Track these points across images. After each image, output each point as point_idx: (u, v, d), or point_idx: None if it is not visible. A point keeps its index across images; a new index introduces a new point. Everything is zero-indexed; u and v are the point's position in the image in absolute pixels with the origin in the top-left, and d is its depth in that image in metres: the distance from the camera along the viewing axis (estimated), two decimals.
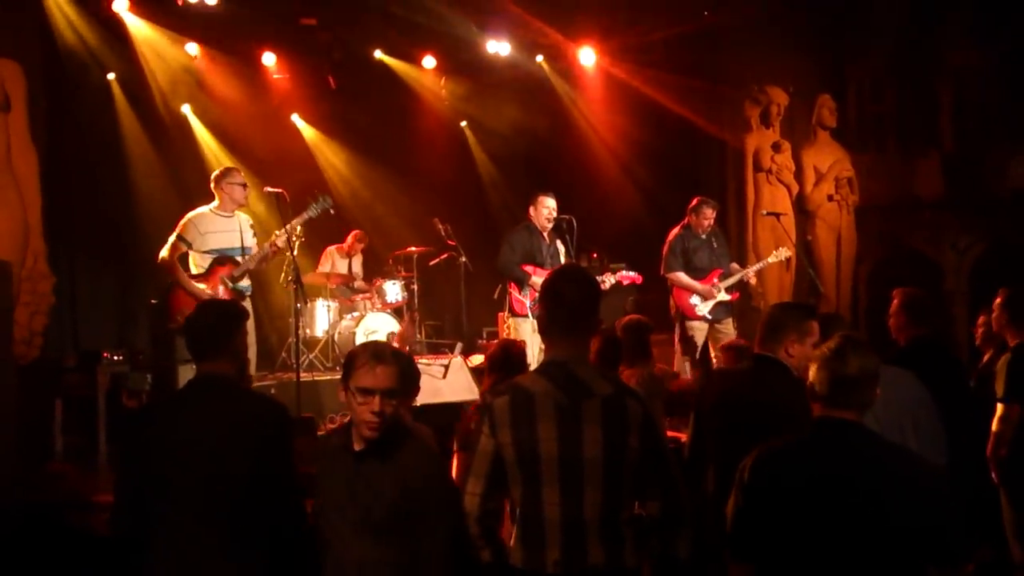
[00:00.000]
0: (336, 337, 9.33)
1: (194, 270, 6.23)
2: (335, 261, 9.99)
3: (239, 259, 6.27)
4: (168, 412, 3.10)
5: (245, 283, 6.34)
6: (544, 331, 2.87)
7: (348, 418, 2.91)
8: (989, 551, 4.83)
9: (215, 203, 6.32)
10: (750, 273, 8.02)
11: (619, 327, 5.04)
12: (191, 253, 6.18)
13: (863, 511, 2.56)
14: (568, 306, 2.77)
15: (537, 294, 6.99)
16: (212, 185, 6.39)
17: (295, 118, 11.47)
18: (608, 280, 7.37)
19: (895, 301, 4.85)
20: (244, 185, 6.34)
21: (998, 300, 5.08)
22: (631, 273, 7.64)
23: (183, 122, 10.38)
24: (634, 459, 2.66)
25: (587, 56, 10.30)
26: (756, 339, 3.73)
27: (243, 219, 6.40)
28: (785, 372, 3.59)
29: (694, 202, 7.80)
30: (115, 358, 8.03)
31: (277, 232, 6.36)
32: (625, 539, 2.66)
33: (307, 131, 11.53)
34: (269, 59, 10.41)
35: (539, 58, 10.69)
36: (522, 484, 2.66)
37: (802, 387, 3.45)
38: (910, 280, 9.29)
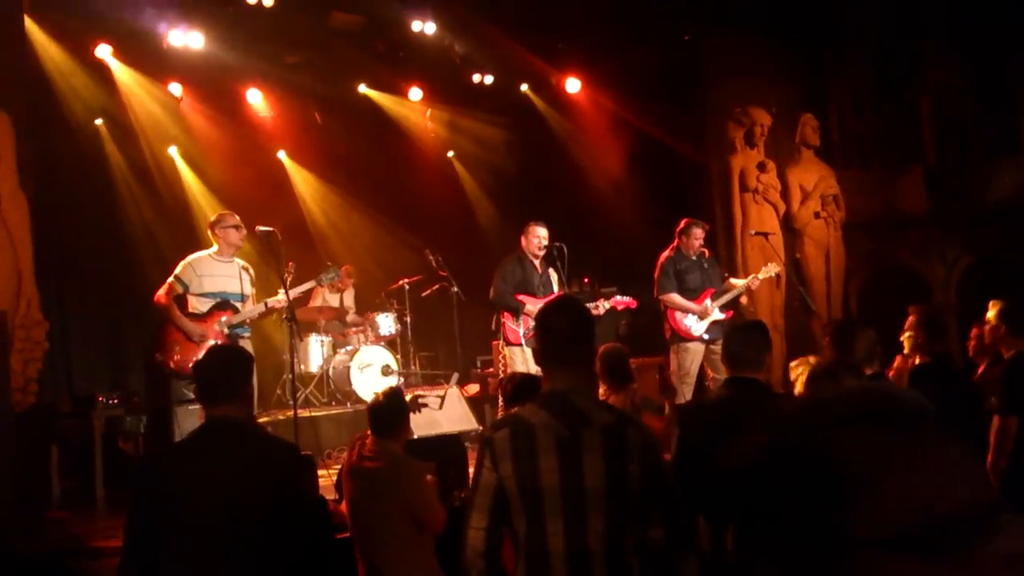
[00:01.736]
0: (331, 372, 9.33)
1: (192, 311, 6.25)
2: (326, 296, 10.00)
3: (239, 306, 6.30)
4: (179, 457, 3.10)
5: (245, 326, 6.36)
6: (541, 362, 2.90)
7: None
8: None
9: (214, 249, 6.40)
10: (748, 284, 8.03)
11: (598, 355, 5.04)
12: (188, 296, 6.21)
13: None
14: (559, 337, 2.80)
15: (531, 322, 7.09)
16: (209, 232, 6.48)
17: (281, 155, 11.53)
18: (603, 306, 7.40)
19: (912, 318, 4.85)
20: (238, 227, 6.39)
21: (990, 313, 5.12)
22: (625, 298, 7.67)
23: (171, 164, 10.43)
24: (636, 487, 2.66)
25: (572, 84, 10.41)
26: (731, 363, 3.76)
27: (241, 266, 6.46)
28: (770, 390, 3.70)
29: (683, 224, 7.84)
30: (110, 402, 8.02)
31: (278, 295, 6.41)
32: (631, 567, 2.66)
33: (294, 167, 11.59)
34: (254, 97, 10.48)
35: (524, 87, 10.78)
36: (525, 516, 2.66)
37: (783, 398, 3.55)
38: (898, 295, 9.48)
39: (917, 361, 4.84)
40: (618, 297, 7.62)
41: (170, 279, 6.25)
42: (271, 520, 2.88)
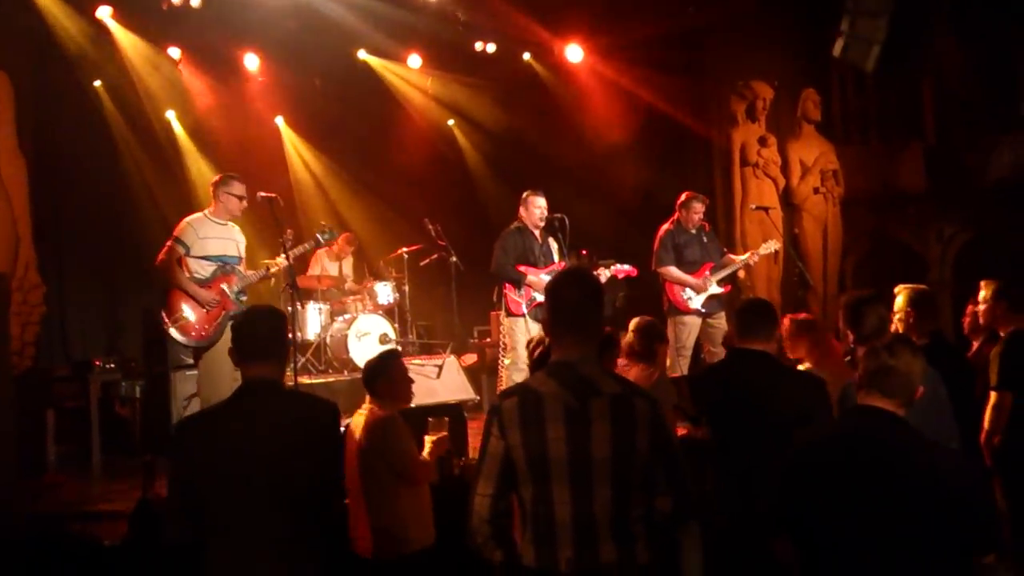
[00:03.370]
0: (328, 340, 9.33)
1: (190, 274, 6.14)
2: (325, 264, 9.98)
3: (240, 270, 6.22)
4: (221, 417, 3.08)
5: (243, 292, 6.29)
6: (550, 333, 2.92)
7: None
8: None
9: (211, 209, 6.25)
10: (747, 260, 7.99)
11: (633, 327, 5.06)
12: (187, 259, 6.08)
13: (890, 496, 2.71)
14: (570, 307, 2.81)
15: (533, 293, 7.09)
16: (211, 189, 6.31)
17: (279, 121, 11.46)
18: (604, 274, 7.39)
19: (900, 298, 4.80)
20: (241, 198, 6.21)
21: (986, 292, 5.12)
22: (625, 266, 7.64)
23: (169, 128, 10.37)
24: (643, 457, 2.68)
25: (574, 53, 10.34)
26: (741, 334, 3.77)
27: (237, 230, 6.33)
28: (777, 362, 3.73)
29: (683, 197, 7.82)
30: (107, 367, 8.02)
31: (279, 259, 6.32)
32: (637, 536, 2.68)
33: (292, 133, 11.53)
34: (252, 62, 10.39)
35: (526, 55, 10.71)
36: (532, 484, 2.68)
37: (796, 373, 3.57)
38: (895, 271, 9.50)
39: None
40: (617, 266, 7.60)
41: (169, 241, 6.07)
42: (311, 477, 2.90)
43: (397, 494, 4.32)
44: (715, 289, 7.67)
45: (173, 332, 6.02)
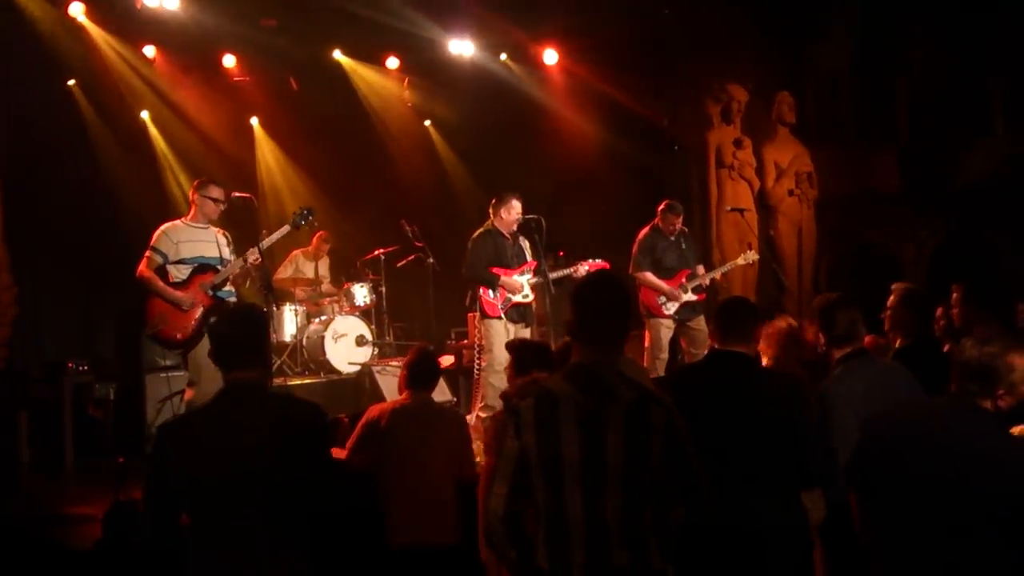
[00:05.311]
0: (304, 341, 9.29)
1: (170, 280, 6.10)
2: (300, 264, 9.94)
3: (219, 268, 6.17)
4: (202, 422, 3.02)
5: (227, 288, 6.25)
6: (572, 336, 2.93)
7: None
8: None
9: (189, 215, 6.22)
10: (716, 276, 8.12)
11: None
12: (168, 266, 6.05)
13: (954, 477, 2.89)
14: (592, 311, 2.83)
15: (508, 294, 7.09)
16: (190, 194, 6.29)
17: (255, 121, 11.41)
18: (581, 270, 7.40)
19: (894, 297, 4.81)
20: (217, 201, 6.17)
21: (956, 295, 5.16)
22: (598, 261, 7.67)
23: (143, 127, 10.29)
24: (657, 465, 2.68)
25: (550, 56, 10.36)
26: (720, 336, 3.75)
27: (217, 231, 6.29)
28: (756, 364, 3.75)
29: (664, 204, 7.86)
30: (80, 368, 7.94)
31: (252, 249, 6.25)
32: (650, 542, 2.68)
33: (268, 134, 11.47)
34: (229, 61, 10.34)
35: (503, 56, 10.72)
36: (546, 486, 2.70)
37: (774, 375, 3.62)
38: (870, 273, 9.56)
39: (899, 341, 4.80)
40: (591, 261, 7.63)
41: (147, 252, 6.03)
42: (295, 481, 2.87)
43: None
44: (689, 297, 7.73)
45: (156, 337, 6.00)
